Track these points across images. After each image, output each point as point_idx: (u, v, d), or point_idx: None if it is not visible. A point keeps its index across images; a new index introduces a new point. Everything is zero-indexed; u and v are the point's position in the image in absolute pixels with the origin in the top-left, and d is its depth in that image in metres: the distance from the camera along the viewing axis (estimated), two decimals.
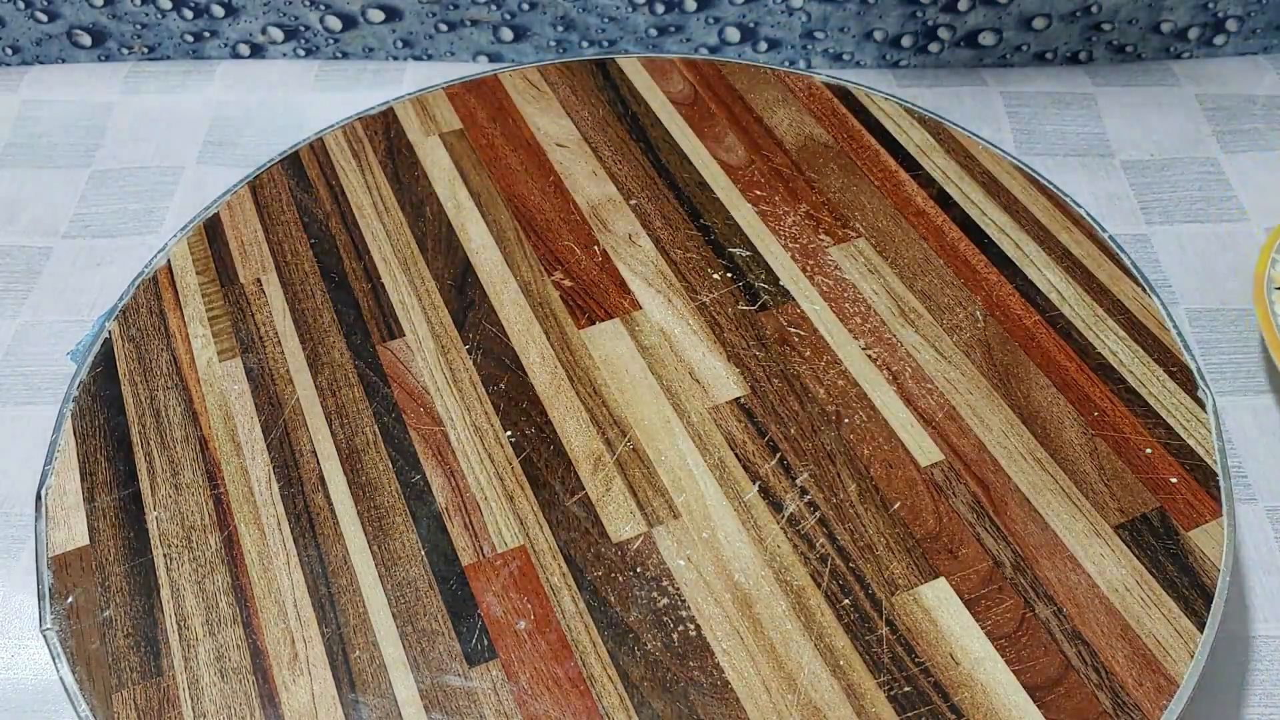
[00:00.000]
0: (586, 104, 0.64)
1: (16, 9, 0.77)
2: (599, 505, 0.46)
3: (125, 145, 0.73)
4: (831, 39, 0.77)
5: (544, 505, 0.46)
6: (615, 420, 0.49)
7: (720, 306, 0.53)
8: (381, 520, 0.46)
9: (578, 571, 0.44)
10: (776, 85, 0.65)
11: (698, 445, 0.48)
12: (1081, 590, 0.43)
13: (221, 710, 0.41)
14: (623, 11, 0.76)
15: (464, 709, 0.40)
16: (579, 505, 0.46)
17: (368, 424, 0.49)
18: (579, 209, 0.58)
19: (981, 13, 0.75)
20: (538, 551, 0.45)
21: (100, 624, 0.43)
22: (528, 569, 0.44)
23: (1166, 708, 0.40)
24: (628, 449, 0.48)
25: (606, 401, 0.50)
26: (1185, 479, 0.46)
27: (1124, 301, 0.53)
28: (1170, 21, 0.77)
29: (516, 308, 0.54)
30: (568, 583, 0.44)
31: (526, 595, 0.43)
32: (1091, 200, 0.68)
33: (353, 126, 0.63)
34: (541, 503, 0.46)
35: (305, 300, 0.54)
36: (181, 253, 0.57)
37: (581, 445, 0.48)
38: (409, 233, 0.57)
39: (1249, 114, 0.74)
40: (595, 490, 0.47)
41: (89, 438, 0.49)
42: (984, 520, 0.45)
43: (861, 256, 0.55)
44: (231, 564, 0.45)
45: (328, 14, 0.77)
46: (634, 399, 0.50)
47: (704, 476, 0.47)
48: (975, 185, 0.59)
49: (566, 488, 0.47)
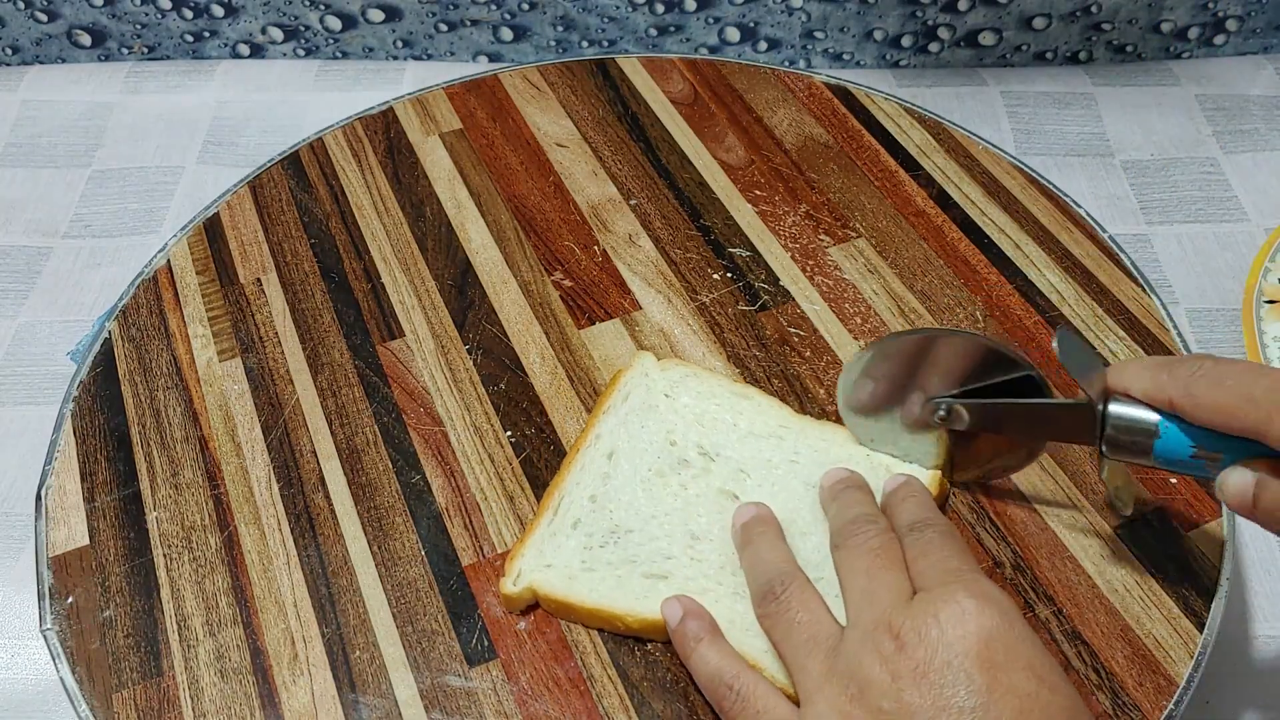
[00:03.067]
0: (586, 104, 0.64)
1: (16, 9, 0.77)
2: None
3: (125, 145, 0.73)
4: (831, 39, 0.77)
5: None
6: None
7: (720, 306, 0.53)
8: (381, 520, 0.46)
9: None
10: (776, 85, 0.65)
11: None
12: (1081, 590, 0.43)
13: (221, 710, 0.41)
14: (623, 11, 0.76)
15: (464, 709, 0.40)
16: None
17: (368, 424, 0.49)
18: (579, 209, 0.58)
19: (981, 13, 0.75)
20: None
21: (100, 624, 0.43)
22: None
23: (1166, 708, 0.40)
24: None
25: None
26: (1185, 479, 0.46)
27: (1124, 302, 0.53)
28: (1170, 21, 0.77)
29: (516, 308, 0.54)
30: None
31: None
32: (1092, 200, 0.68)
33: (353, 126, 0.63)
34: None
35: (305, 300, 0.54)
36: (181, 253, 0.57)
37: None
38: (409, 233, 0.57)
39: (1249, 114, 0.74)
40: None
41: (89, 438, 0.49)
42: (984, 520, 0.45)
43: (861, 256, 0.55)
44: (231, 564, 0.45)
45: (328, 14, 0.77)
46: None
47: None
48: (975, 185, 0.59)
49: None
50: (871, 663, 0.35)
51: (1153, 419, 0.37)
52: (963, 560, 0.38)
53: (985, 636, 0.34)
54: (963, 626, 0.34)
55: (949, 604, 0.35)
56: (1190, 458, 0.37)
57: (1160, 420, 0.37)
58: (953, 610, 0.35)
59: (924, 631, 0.34)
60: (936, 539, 0.39)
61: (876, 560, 0.38)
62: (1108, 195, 0.69)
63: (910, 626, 0.35)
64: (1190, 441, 0.37)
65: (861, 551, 0.39)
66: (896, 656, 0.34)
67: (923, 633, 0.34)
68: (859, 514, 0.41)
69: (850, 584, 0.38)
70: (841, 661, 0.36)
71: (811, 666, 0.36)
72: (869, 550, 0.39)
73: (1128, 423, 0.38)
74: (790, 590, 0.39)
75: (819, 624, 0.38)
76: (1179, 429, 0.37)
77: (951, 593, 0.35)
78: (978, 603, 0.35)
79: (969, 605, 0.35)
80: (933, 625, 0.34)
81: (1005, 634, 0.34)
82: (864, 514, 0.41)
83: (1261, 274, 0.61)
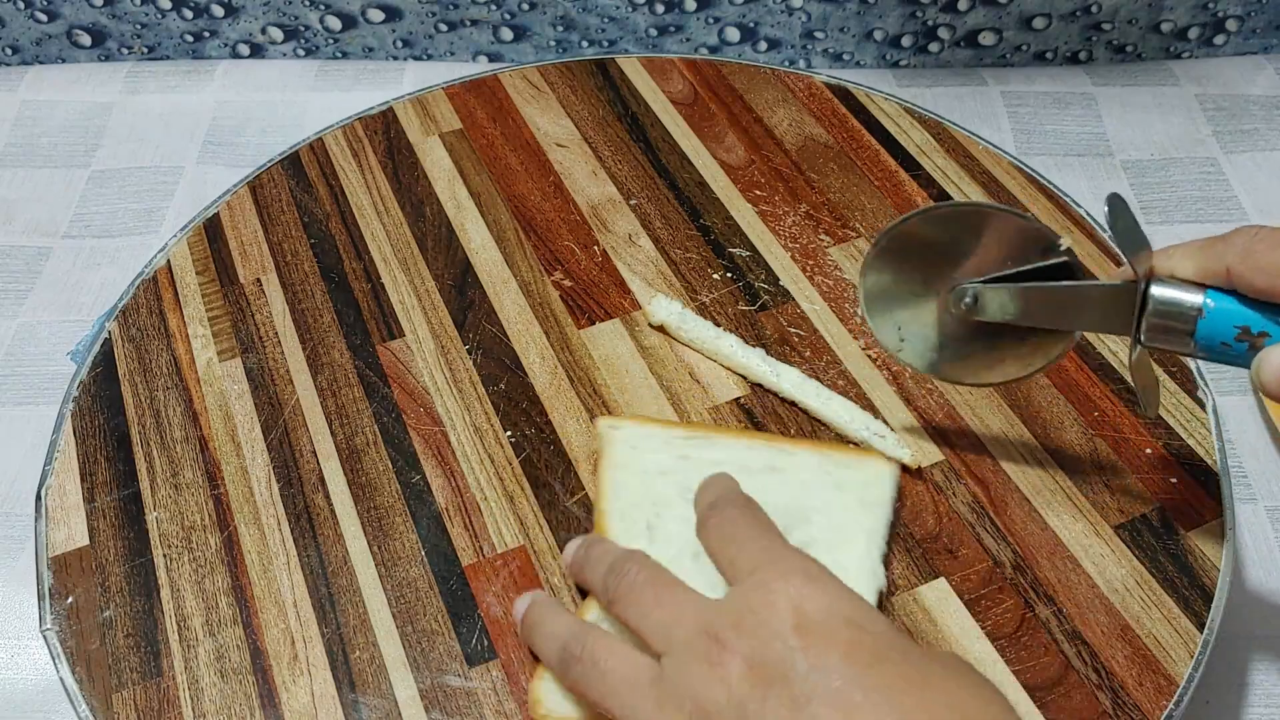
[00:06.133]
0: (586, 104, 0.64)
1: (16, 9, 0.77)
2: (596, 508, 0.46)
3: (125, 145, 0.73)
4: (831, 39, 0.77)
5: (544, 505, 0.46)
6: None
7: (720, 306, 0.53)
8: (381, 520, 0.46)
9: None
10: (776, 85, 0.65)
11: None
12: (1081, 590, 0.43)
13: (221, 710, 0.41)
14: (623, 11, 0.76)
15: (464, 709, 0.40)
16: (579, 505, 0.46)
17: (368, 424, 0.49)
18: (579, 209, 0.58)
19: (981, 13, 0.75)
20: (538, 551, 0.45)
21: (100, 624, 0.43)
22: (528, 569, 0.44)
23: (1166, 708, 0.40)
24: None
25: (606, 402, 0.50)
26: (1185, 479, 0.46)
27: None
28: (1170, 21, 0.77)
29: (516, 308, 0.54)
30: (568, 583, 0.44)
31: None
32: (1092, 200, 0.68)
33: (353, 126, 0.63)
34: (541, 503, 0.46)
35: (305, 300, 0.54)
36: (181, 253, 0.57)
37: (581, 445, 0.48)
38: (409, 233, 0.57)
39: (1249, 114, 0.74)
40: (595, 490, 0.46)
41: (89, 438, 0.49)
42: (984, 520, 0.45)
43: (861, 256, 0.55)
44: (231, 564, 0.45)
45: (328, 14, 0.77)
46: (634, 399, 0.50)
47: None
48: (975, 185, 0.59)
49: (566, 488, 0.47)
50: (700, 670, 0.34)
51: (1198, 300, 0.37)
52: (766, 536, 0.37)
53: (797, 606, 0.34)
54: (775, 603, 0.34)
55: (758, 590, 0.35)
56: (1234, 339, 0.36)
57: (1204, 301, 0.37)
58: (762, 595, 0.34)
59: (739, 623, 0.34)
60: (738, 517, 0.38)
61: (658, 590, 0.37)
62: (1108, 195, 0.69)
63: (725, 624, 0.34)
64: (1236, 321, 0.36)
65: (638, 591, 0.37)
66: (723, 655, 0.33)
67: (739, 624, 0.34)
68: (613, 560, 0.39)
69: (646, 626, 0.36)
70: (669, 686, 0.34)
71: (642, 704, 0.35)
72: (643, 585, 0.37)
73: (1172, 304, 0.37)
74: (588, 645, 0.37)
75: (630, 663, 0.36)
76: (1225, 309, 0.36)
77: (760, 576, 0.35)
78: (784, 580, 0.34)
79: (776, 585, 0.34)
80: (747, 615, 0.34)
81: (816, 597, 0.34)
82: (615, 561, 0.39)
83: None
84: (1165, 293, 0.37)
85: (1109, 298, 0.39)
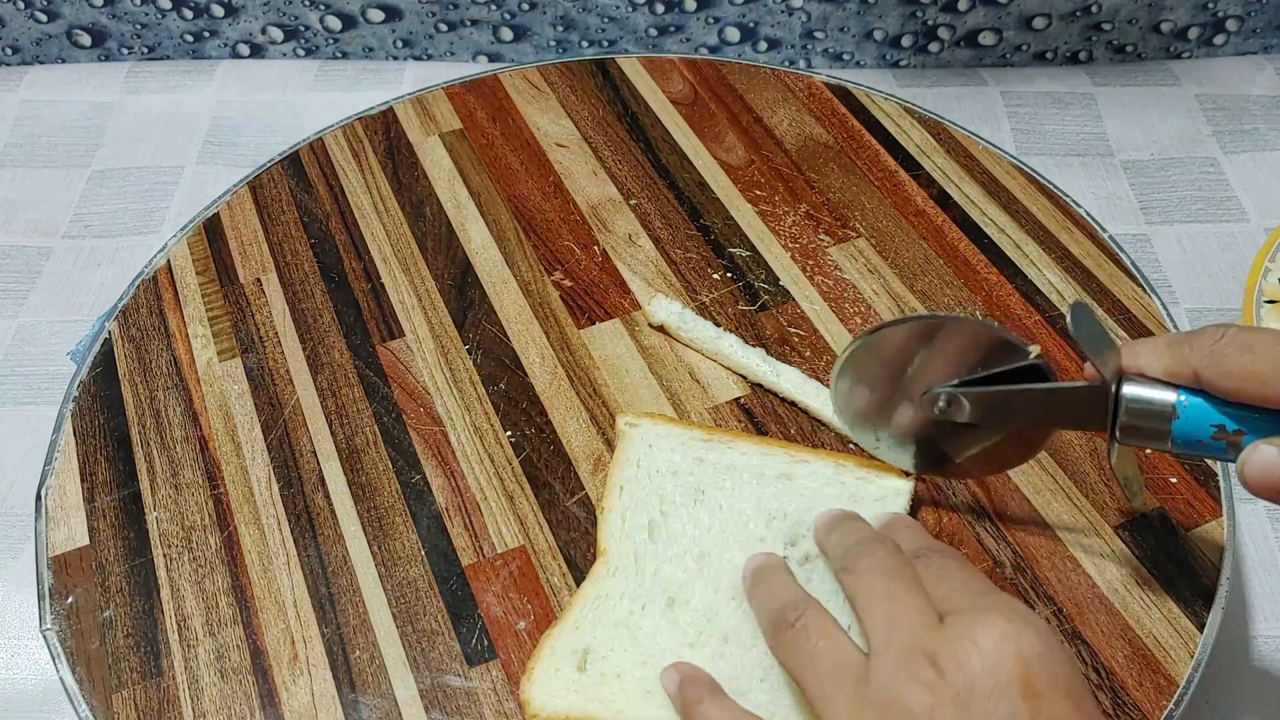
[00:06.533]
0: (586, 104, 0.64)
1: (16, 9, 0.77)
2: (599, 505, 0.46)
3: (125, 145, 0.73)
4: (831, 39, 0.77)
5: (544, 505, 0.46)
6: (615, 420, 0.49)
7: (720, 306, 0.53)
8: (381, 520, 0.46)
9: (578, 571, 0.44)
10: (776, 85, 0.65)
11: None
12: (1081, 590, 0.43)
13: (221, 710, 0.41)
14: (623, 11, 0.76)
15: (464, 709, 0.40)
16: (579, 505, 0.46)
17: (368, 424, 0.49)
18: (579, 209, 0.58)
19: (981, 13, 0.75)
20: (538, 551, 0.45)
21: (100, 624, 0.43)
22: (528, 569, 0.44)
23: (1166, 708, 0.40)
24: None
25: (606, 402, 0.50)
26: (1185, 479, 0.46)
27: (1124, 302, 0.53)
28: (1170, 21, 0.77)
29: (516, 308, 0.54)
30: (568, 583, 0.44)
31: (526, 595, 0.43)
32: (1091, 200, 0.68)
33: (353, 126, 0.63)
34: (541, 503, 0.46)
35: (305, 300, 0.54)
36: (181, 253, 0.57)
37: (581, 445, 0.48)
38: (409, 233, 0.57)
39: (1249, 114, 0.74)
40: (595, 490, 0.47)
41: (89, 438, 0.49)
42: (984, 520, 0.45)
43: (861, 256, 0.55)
44: (231, 564, 0.45)
45: (328, 14, 0.77)
46: (634, 399, 0.50)
47: None
48: (975, 185, 0.59)
49: (566, 488, 0.47)
50: (909, 691, 0.32)
51: (1170, 399, 0.36)
52: (983, 582, 0.36)
53: (1026, 663, 0.32)
54: (1003, 653, 0.32)
55: (986, 628, 0.33)
56: (1210, 439, 0.35)
57: (1178, 400, 0.36)
58: (991, 635, 0.33)
59: (963, 658, 0.32)
60: (950, 564, 0.37)
61: (895, 582, 0.36)
62: (1108, 195, 0.69)
63: (948, 653, 0.33)
64: (1211, 420, 0.35)
65: (877, 574, 0.36)
66: (937, 684, 0.32)
67: (962, 660, 0.32)
68: (864, 536, 0.39)
69: (869, 608, 0.35)
70: (874, 690, 0.33)
71: (839, 697, 0.34)
72: (884, 572, 0.36)
73: (1144, 405, 0.36)
74: (806, 617, 0.37)
75: (842, 651, 0.35)
76: (1199, 408, 0.35)
77: (987, 616, 0.33)
78: (1015, 627, 0.33)
79: (1007, 630, 0.33)
80: (972, 651, 0.32)
81: (1046, 659, 0.32)
82: (870, 536, 0.39)
83: (1261, 274, 0.61)
84: (1137, 392, 0.37)
85: (1081, 399, 0.38)
